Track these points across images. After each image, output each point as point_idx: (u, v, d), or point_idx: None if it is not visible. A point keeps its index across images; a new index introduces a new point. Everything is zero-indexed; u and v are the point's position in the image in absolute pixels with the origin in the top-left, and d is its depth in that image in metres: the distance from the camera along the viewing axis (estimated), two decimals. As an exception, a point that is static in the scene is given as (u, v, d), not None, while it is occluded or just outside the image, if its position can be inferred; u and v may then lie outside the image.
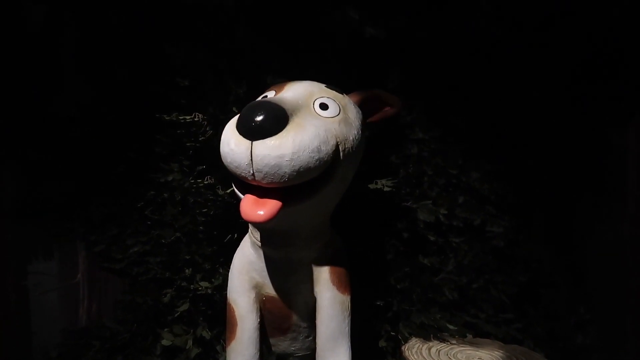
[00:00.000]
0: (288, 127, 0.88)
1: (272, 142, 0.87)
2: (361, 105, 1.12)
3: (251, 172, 0.89)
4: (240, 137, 0.89)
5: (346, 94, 1.10)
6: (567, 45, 1.52)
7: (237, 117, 0.94)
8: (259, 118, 0.87)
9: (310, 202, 0.96)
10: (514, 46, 1.51)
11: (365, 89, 1.18)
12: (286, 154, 0.87)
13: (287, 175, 0.88)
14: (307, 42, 1.45)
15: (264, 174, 0.88)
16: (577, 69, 1.55)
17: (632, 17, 1.49)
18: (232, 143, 0.90)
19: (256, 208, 0.91)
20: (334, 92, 1.06)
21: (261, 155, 0.87)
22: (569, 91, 1.56)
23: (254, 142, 0.87)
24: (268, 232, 1.09)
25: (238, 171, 0.91)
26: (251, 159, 0.88)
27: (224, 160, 0.95)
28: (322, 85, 1.06)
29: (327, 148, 0.92)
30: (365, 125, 1.10)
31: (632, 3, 1.48)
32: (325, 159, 0.92)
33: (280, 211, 0.91)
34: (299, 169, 0.88)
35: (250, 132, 0.87)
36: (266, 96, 1.06)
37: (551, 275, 1.59)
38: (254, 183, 0.92)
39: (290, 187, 0.91)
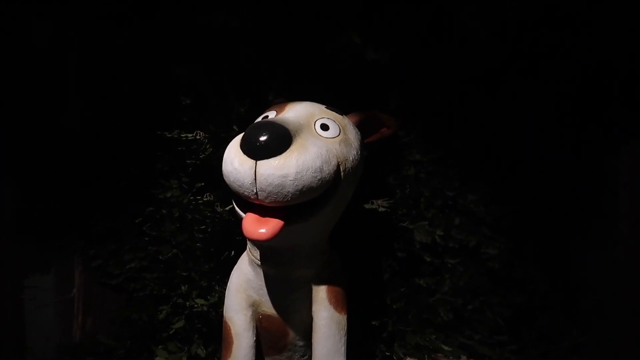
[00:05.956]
0: (292, 147, 0.90)
1: (277, 162, 0.88)
2: (359, 126, 1.14)
3: (254, 191, 0.90)
4: (244, 157, 0.90)
5: (345, 115, 1.12)
6: (563, 71, 1.56)
7: (240, 136, 0.96)
8: (264, 138, 0.89)
9: (311, 221, 0.98)
10: (511, 72, 1.55)
11: (364, 109, 1.20)
12: (290, 173, 0.88)
13: (291, 195, 0.90)
14: (310, 64, 1.48)
15: (267, 193, 0.90)
16: (572, 96, 1.58)
17: (625, 45, 1.54)
18: (236, 162, 0.92)
19: (258, 226, 0.92)
20: (334, 113, 1.08)
21: (265, 174, 0.88)
22: (564, 117, 1.60)
23: (258, 162, 0.89)
24: (267, 250, 1.09)
25: (241, 190, 0.93)
26: (255, 178, 0.89)
27: (226, 179, 0.96)
28: (322, 106, 1.08)
29: (329, 168, 0.94)
30: (364, 145, 1.12)
31: (625, 31, 1.53)
32: (327, 178, 0.94)
33: (282, 230, 0.92)
34: (302, 189, 0.90)
35: (255, 151, 0.89)
36: (267, 116, 1.08)
37: (546, 297, 1.60)
38: (257, 202, 0.93)
39: (292, 205, 0.93)
